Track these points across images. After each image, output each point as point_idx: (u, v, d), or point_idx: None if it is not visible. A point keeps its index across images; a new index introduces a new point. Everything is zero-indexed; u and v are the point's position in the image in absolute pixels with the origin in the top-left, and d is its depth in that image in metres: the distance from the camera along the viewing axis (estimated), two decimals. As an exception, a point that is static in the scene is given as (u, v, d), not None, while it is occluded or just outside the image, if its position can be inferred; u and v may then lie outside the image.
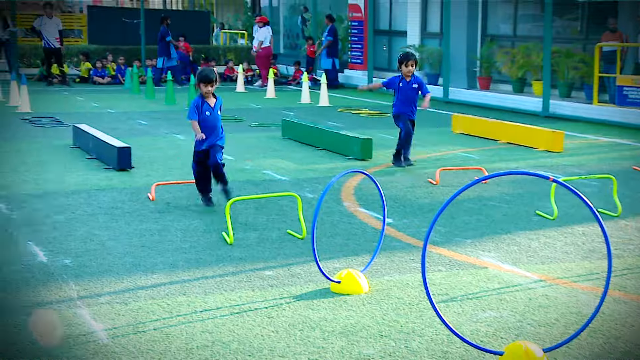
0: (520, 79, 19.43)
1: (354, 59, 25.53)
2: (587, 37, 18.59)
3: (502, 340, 4.73)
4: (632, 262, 6.36)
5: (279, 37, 31.00)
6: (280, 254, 6.60)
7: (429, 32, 23.57)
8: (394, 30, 25.17)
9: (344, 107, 18.71)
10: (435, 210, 8.08)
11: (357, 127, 14.64)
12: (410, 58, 10.22)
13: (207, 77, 8.15)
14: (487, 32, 21.46)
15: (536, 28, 19.93)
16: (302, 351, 4.58)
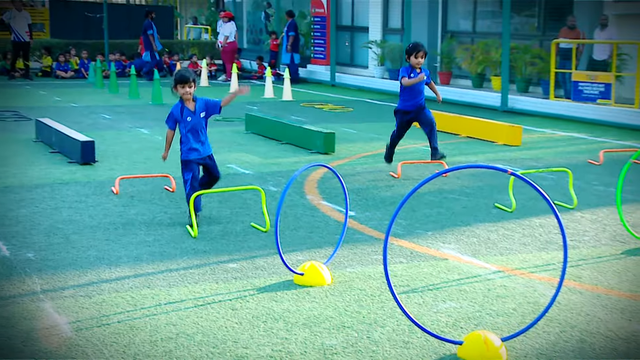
0: (479, 74, 19.59)
1: (316, 54, 25.51)
2: (544, 33, 18.81)
3: (462, 330, 4.77)
4: (587, 252, 6.45)
5: (243, 32, 30.87)
6: (244, 247, 6.58)
7: (390, 28, 23.65)
8: (356, 26, 25.22)
9: (307, 102, 18.70)
10: (397, 203, 8.12)
11: (320, 122, 14.65)
12: (420, 49, 9.57)
13: (182, 77, 7.20)
14: (447, 29, 21.61)
15: (495, 25, 20.11)
16: (266, 342, 4.58)
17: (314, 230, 7.13)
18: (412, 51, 9.55)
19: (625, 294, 5.43)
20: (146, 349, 4.46)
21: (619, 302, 5.26)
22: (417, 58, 9.52)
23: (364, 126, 14.58)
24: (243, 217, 7.58)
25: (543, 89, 17.80)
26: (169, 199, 8.33)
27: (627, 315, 5.00)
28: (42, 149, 11.36)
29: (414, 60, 9.54)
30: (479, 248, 6.57)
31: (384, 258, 4.34)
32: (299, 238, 6.85)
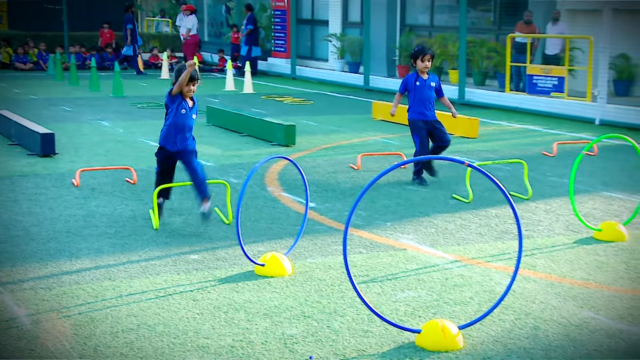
0: (437, 67, 19.69)
1: (277, 47, 25.44)
2: (499, 27, 18.96)
3: (420, 318, 4.81)
4: (541, 242, 6.54)
5: (204, 25, 30.65)
6: (205, 238, 6.55)
7: (350, 21, 23.66)
8: (316, 20, 25.19)
9: (268, 95, 18.65)
10: (356, 194, 8.13)
11: (280, 114, 14.62)
12: (426, 52, 8.66)
13: (190, 75, 6.77)
14: (406, 22, 21.68)
15: (452, 19, 20.23)
16: (227, 332, 4.57)
17: (274, 221, 7.12)
18: (419, 54, 8.66)
19: (578, 281, 5.51)
20: (107, 341, 4.42)
21: (572, 289, 5.34)
22: (424, 62, 8.63)
23: (324, 119, 14.58)
24: (204, 208, 7.53)
25: (499, 82, 17.96)
26: (130, 191, 8.25)
27: (579, 303, 5.08)
28: (0, 141, 11.17)
29: (421, 64, 8.65)
30: (437, 238, 6.62)
31: (343, 248, 4.35)
32: (260, 229, 6.84)
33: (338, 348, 4.37)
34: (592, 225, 6.84)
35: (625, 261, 5.98)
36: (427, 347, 4.36)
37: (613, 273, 5.70)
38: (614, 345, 4.41)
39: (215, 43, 29.02)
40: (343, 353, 4.31)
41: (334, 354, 4.29)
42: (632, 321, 4.76)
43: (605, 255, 6.13)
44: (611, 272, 5.72)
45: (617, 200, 8.04)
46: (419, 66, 8.69)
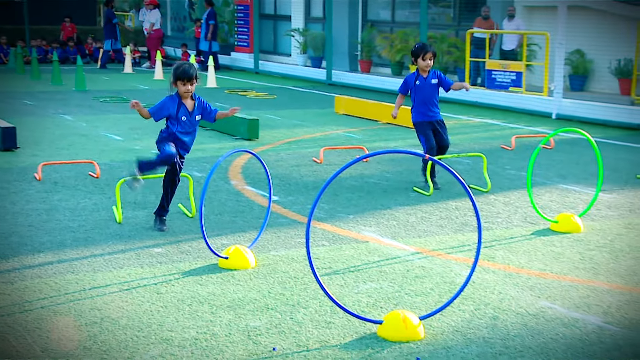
0: (398, 62, 19.77)
1: (240, 42, 25.33)
2: (459, 23, 19.09)
3: (382, 309, 4.83)
4: (500, 234, 6.60)
5: (167, 19, 30.41)
6: (169, 232, 6.50)
7: (312, 17, 23.65)
8: (279, 15, 25.13)
9: (231, 89, 18.57)
10: (319, 187, 8.14)
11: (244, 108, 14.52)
12: (427, 49, 8.23)
13: (185, 73, 6.21)
14: (368, 18, 21.72)
15: (413, 14, 20.31)
16: (191, 325, 4.55)
17: (238, 214, 7.10)
18: (419, 52, 8.22)
19: (535, 272, 5.58)
20: (70, 334, 4.38)
21: (529, 280, 5.40)
22: (425, 60, 8.19)
23: (287, 113, 14.56)
24: (168, 202, 7.48)
25: (459, 77, 18.08)
26: (93, 184, 8.16)
27: (536, 293, 5.14)
28: (-38, 135, 10.98)
29: (422, 62, 8.22)
30: (398, 230, 6.65)
31: (306, 241, 4.35)
32: (223, 222, 6.81)
33: (301, 339, 4.37)
34: (549, 217, 6.93)
35: (580, 252, 6.07)
36: (389, 338, 4.38)
37: (569, 263, 5.77)
38: (569, 333, 4.47)
39: (178, 37, 28.81)
40: (306, 344, 4.31)
41: (296, 345, 4.29)
42: (587, 310, 4.83)
43: (562, 246, 6.21)
44: (567, 262, 5.80)
45: (572, 192, 8.14)
46: (420, 65, 8.24)
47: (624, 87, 15.38)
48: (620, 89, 15.54)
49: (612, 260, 5.86)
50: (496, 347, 4.29)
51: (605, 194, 7.97)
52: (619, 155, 10.31)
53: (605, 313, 4.79)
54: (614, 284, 5.32)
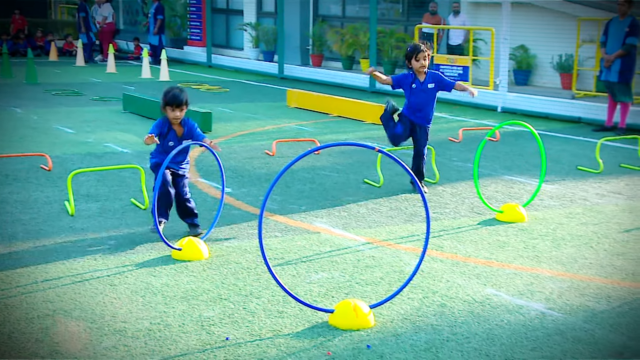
0: (349, 56, 19.81)
1: (192, 36, 25.11)
2: (408, 19, 19.20)
3: (333, 299, 4.84)
4: (448, 224, 6.66)
5: (119, 13, 29.99)
6: (122, 224, 6.42)
7: (264, 11, 23.54)
8: (231, 9, 24.97)
9: (185, 82, 18.40)
10: (272, 179, 8.12)
11: (197, 102, 14.44)
12: (419, 49, 7.52)
13: (176, 99, 5.81)
14: (319, 13, 21.71)
15: (363, 10, 20.36)
16: (144, 316, 4.50)
17: (191, 206, 7.03)
18: (412, 53, 7.56)
19: (481, 260, 5.64)
20: (22, 327, 4.29)
21: (476, 268, 5.46)
22: (419, 60, 7.55)
23: (239, 106, 14.49)
24: (121, 194, 7.40)
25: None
26: (45, 177, 8.02)
27: (482, 281, 5.21)
28: None
29: (416, 64, 7.57)
30: (349, 221, 6.67)
31: (259, 232, 4.33)
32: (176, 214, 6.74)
33: (254, 329, 4.36)
34: (495, 207, 7.01)
35: (524, 241, 6.16)
36: (340, 326, 4.39)
37: (513, 252, 5.86)
38: (513, 319, 4.54)
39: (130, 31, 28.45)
40: (259, 334, 4.30)
41: (249, 335, 4.28)
42: (530, 297, 4.91)
43: (507, 236, 6.30)
44: (512, 251, 5.88)
45: (517, 183, 8.26)
46: (415, 66, 7.59)
47: (565, 81, 15.64)
48: (562, 83, 15.80)
49: (554, 248, 5.96)
50: (444, 333, 4.33)
51: (547, 184, 8.10)
52: (561, 147, 10.49)
53: (548, 299, 4.87)
54: (556, 271, 5.41)
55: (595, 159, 9.03)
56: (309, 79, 19.20)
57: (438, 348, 4.14)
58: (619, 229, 6.49)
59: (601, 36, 12.05)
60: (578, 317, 4.58)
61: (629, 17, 11.55)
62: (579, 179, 8.46)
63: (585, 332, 4.36)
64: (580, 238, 6.23)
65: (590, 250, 5.92)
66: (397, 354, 4.06)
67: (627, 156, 9.77)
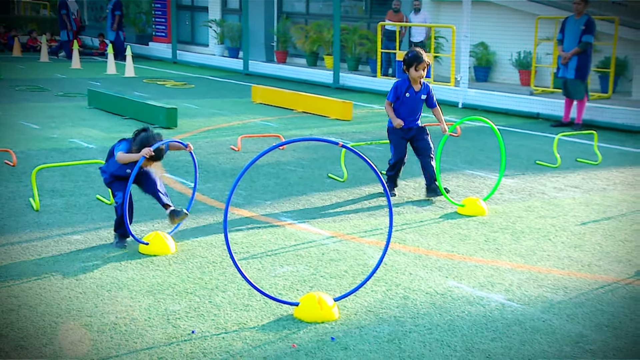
0: (313, 53, 19.80)
1: (158, 33, 24.90)
2: (371, 16, 19.24)
3: (298, 292, 4.84)
4: (410, 217, 6.70)
5: (83, 9, 29.61)
6: (88, 219, 6.35)
7: (229, 8, 23.42)
8: (196, 6, 24.80)
9: (150, 78, 18.24)
10: (237, 174, 8.08)
11: (162, 97, 14.33)
12: (421, 59, 7.18)
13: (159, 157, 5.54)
14: (283, 10, 21.66)
15: (326, 7, 20.35)
16: (110, 310, 4.46)
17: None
18: (413, 62, 7.18)
19: (443, 253, 5.68)
20: (-12, 323, 4.23)
21: (438, 261, 5.50)
22: (419, 71, 7.19)
23: (205, 102, 14.40)
24: (87, 190, 7.31)
25: (371, 67, 18.24)
26: (9, 172, 7.89)
27: (444, 273, 5.24)
28: None
29: (415, 73, 7.20)
30: (314, 215, 6.67)
31: (224, 227, 4.31)
32: (143, 209, 6.69)
33: (220, 322, 4.34)
34: (456, 201, 7.06)
35: (485, 234, 6.22)
36: (305, 319, 4.39)
37: (474, 245, 5.91)
38: (474, 310, 4.58)
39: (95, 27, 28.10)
40: (224, 327, 4.28)
41: (215, 328, 4.26)
42: (490, 288, 4.96)
43: (468, 229, 6.35)
44: (473, 244, 5.93)
45: (478, 177, 8.33)
46: (413, 75, 7.21)
47: (524, 78, 15.81)
48: (521, 80, 15.96)
49: (514, 241, 6.03)
50: (407, 325, 4.35)
51: (507, 178, 8.18)
52: (520, 142, 10.60)
53: (507, 291, 4.92)
54: (515, 264, 5.47)
55: (553, 154, 9.14)
56: (274, 75, 19.15)
57: (401, 339, 4.16)
58: (576, 222, 6.58)
59: (558, 34, 12.19)
60: (536, 308, 4.63)
61: (585, 15, 11.70)
62: (537, 173, 8.56)
63: (543, 322, 4.42)
64: (539, 231, 6.30)
65: (548, 242, 5.99)
66: (361, 346, 4.08)
67: (583, 151, 9.91)
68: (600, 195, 7.57)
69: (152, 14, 24.94)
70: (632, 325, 4.38)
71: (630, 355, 4.01)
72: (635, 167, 9.03)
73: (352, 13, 20.11)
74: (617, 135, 11.42)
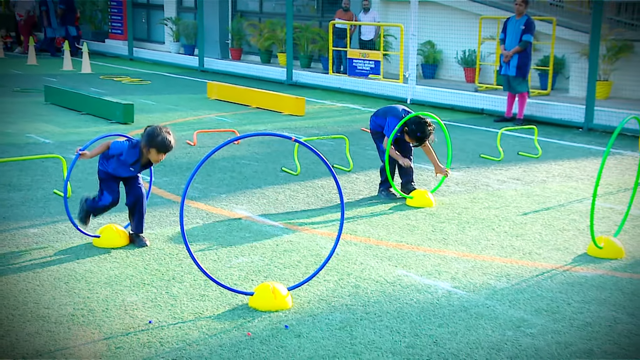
0: (267, 50, 19.72)
1: (114, 30, 24.54)
2: (322, 15, 19.23)
3: (253, 282, 4.82)
4: (361, 209, 6.72)
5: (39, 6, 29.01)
6: (45, 213, 6.23)
7: (184, 6, 23.19)
8: (152, 4, 24.50)
9: (106, 75, 17.96)
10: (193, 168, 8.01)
11: (119, 93, 14.13)
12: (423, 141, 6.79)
13: (166, 147, 5.17)
14: (237, 8, 21.52)
15: (279, 6, 20.28)
16: (68, 302, 4.38)
17: (114, 195, 6.88)
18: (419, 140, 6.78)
19: (393, 244, 5.72)
20: (-56, 316, 4.12)
21: (388, 251, 5.53)
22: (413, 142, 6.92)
23: (161, 98, 14.24)
24: (44, 184, 7.17)
25: (323, 64, 18.24)
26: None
27: (393, 262, 5.28)
28: None
29: (407, 137, 6.86)
30: (268, 208, 6.65)
31: (180, 219, 4.27)
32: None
33: (176, 312, 4.30)
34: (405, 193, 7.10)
35: (432, 224, 6.27)
36: (260, 308, 4.38)
37: (422, 235, 5.96)
38: (422, 298, 4.62)
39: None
40: (181, 316, 4.25)
41: (172, 318, 4.22)
42: (437, 277, 5.01)
43: (416, 220, 6.40)
44: (421, 234, 5.98)
45: (425, 170, 8.39)
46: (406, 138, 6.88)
47: (469, 75, 15.98)
48: (466, 77, 16.14)
49: (460, 231, 6.09)
50: (358, 313, 4.37)
51: (453, 171, 8.26)
52: (465, 137, 10.71)
53: (454, 279, 4.98)
54: (461, 253, 5.53)
55: (497, 148, 9.26)
56: (229, 72, 19.02)
57: (352, 326, 4.18)
58: (518, 212, 6.68)
59: (500, 33, 12.35)
60: (481, 295, 4.69)
61: (525, 16, 11.87)
62: (481, 166, 8.66)
63: (487, 308, 4.48)
64: (483, 221, 6.38)
65: (492, 232, 6.07)
66: (314, 333, 4.08)
67: (524, 145, 10.06)
68: (540, 186, 7.70)
69: (109, 12, 24.57)
70: (569, 309, 4.47)
71: (567, 337, 4.09)
72: (572, 160, 9.21)
73: (304, 12, 20.09)
74: (555, 129, 11.63)
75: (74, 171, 7.51)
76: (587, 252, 5.56)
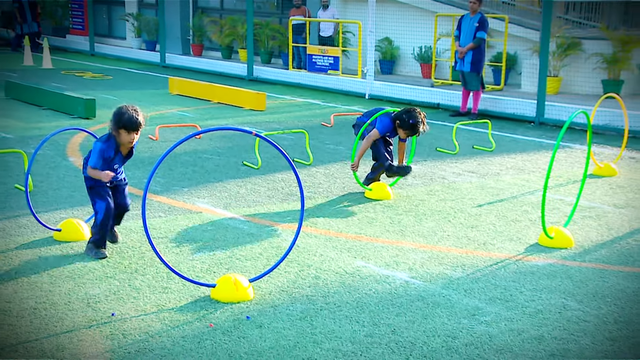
0: (228, 46, 19.59)
1: (75, 25, 24.14)
2: (282, 12, 19.17)
3: (215, 274, 4.79)
4: (321, 202, 6.73)
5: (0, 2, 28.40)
6: (6, 207, 6.11)
7: (146, 2, 22.91)
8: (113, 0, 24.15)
9: (68, 70, 17.67)
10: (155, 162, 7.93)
11: (80, 89, 13.91)
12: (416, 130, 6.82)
13: (132, 123, 4.83)
14: (198, 5, 21.34)
15: (240, 2, 20.16)
16: (30, 296, 4.30)
17: (76, 189, 6.78)
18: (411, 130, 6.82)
19: (352, 235, 5.74)
20: None
21: (347, 243, 5.55)
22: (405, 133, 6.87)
23: (123, 93, 14.06)
24: (5, 179, 7.03)
25: (283, 60, 18.19)
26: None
27: (353, 254, 5.29)
28: None
29: (402, 132, 6.88)
30: (230, 201, 6.62)
31: (142, 213, 4.23)
32: (61, 197, 6.49)
33: (139, 304, 4.26)
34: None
35: (390, 216, 6.31)
36: (222, 299, 4.36)
37: (380, 227, 5.98)
38: (380, 288, 4.64)
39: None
40: (144, 309, 4.20)
41: (135, 310, 4.18)
42: (395, 267, 5.04)
43: (375, 212, 6.43)
44: (379, 226, 6.01)
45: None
46: (400, 133, 6.90)
47: (425, 71, 16.08)
48: (422, 72, 16.23)
49: (417, 223, 6.14)
50: (318, 303, 4.38)
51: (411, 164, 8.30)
52: (422, 131, 10.77)
53: (411, 269, 5.01)
54: (418, 244, 5.58)
55: (452, 141, 9.34)
56: (190, 68, 18.86)
57: (312, 317, 4.18)
58: (473, 204, 6.75)
59: (455, 30, 12.45)
60: (437, 284, 4.73)
61: (479, 13, 11.98)
62: (438, 160, 8.73)
63: (444, 297, 4.52)
64: (440, 213, 6.44)
65: (448, 224, 6.13)
66: (275, 324, 4.07)
67: (479, 139, 10.17)
68: (494, 179, 7.79)
69: (69, 7, 24.15)
70: (521, 297, 4.54)
71: (520, 324, 4.15)
72: (524, 153, 9.33)
73: (264, 9, 19.99)
74: (508, 124, 11.77)
75: (35, 166, 7.39)
76: (538, 242, 5.64)
